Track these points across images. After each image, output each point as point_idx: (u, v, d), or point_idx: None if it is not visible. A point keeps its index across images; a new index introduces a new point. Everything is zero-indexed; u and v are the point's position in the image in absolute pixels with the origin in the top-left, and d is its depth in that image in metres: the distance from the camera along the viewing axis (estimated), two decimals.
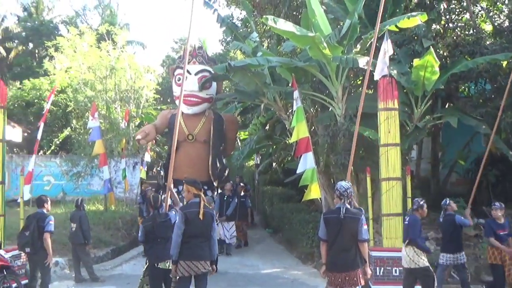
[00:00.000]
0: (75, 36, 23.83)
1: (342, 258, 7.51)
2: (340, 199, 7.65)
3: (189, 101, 17.22)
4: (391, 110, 11.29)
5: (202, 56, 17.72)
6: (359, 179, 15.10)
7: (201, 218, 8.15)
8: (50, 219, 10.61)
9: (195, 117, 17.48)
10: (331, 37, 13.26)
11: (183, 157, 16.67)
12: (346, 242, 7.51)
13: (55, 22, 43.32)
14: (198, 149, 17.24)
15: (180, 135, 16.11)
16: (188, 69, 17.07)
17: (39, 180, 25.58)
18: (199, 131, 17.31)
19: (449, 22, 16.88)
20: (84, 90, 22.94)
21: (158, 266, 8.86)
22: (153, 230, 9.01)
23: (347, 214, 7.49)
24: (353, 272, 7.47)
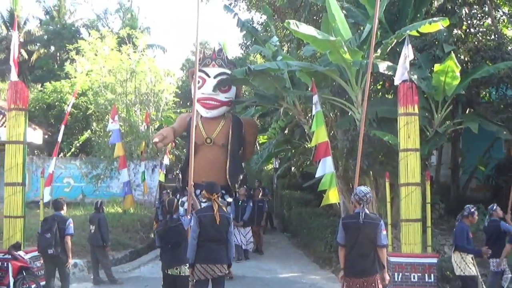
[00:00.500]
0: (96, 40, 24.02)
1: (360, 263, 7.45)
2: (359, 204, 7.60)
3: (208, 104, 17.12)
4: (411, 115, 11.22)
5: (221, 59, 17.48)
6: (378, 184, 15.04)
7: (217, 222, 8.18)
8: (70, 222, 10.74)
9: (214, 120, 17.24)
10: (351, 41, 13.25)
11: (201, 160, 16.38)
12: (365, 247, 7.45)
13: (77, 26, 43.69)
14: (216, 153, 16.94)
15: (198, 139, 16.35)
16: (207, 72, 17.04)
17: (59, 182, 25.77)
18: (218, 134, 17.04)
19: (471, 27, 16.76)
20: (105, 93, 23.11)
21: (168, 272, 8.77)
22: (165, 235, 8.90)
23: (366, 219, 7.44)
24: (371, 277, 7.41)
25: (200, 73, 16.83)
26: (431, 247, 11.42)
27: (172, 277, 8.72)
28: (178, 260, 8.67)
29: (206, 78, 17.10)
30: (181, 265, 8.66)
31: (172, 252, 8.77)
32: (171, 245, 8.78)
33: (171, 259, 8.77)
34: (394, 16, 15.21)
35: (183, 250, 8.75)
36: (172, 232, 8.81)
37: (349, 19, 14.93)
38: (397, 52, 13.20)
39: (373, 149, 13.77)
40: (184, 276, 8.66)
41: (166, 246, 8.84)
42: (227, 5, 19.40)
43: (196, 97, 16.45)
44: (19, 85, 11.71)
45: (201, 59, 17.48)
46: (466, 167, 18.24)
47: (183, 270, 8.65)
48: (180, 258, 8.68)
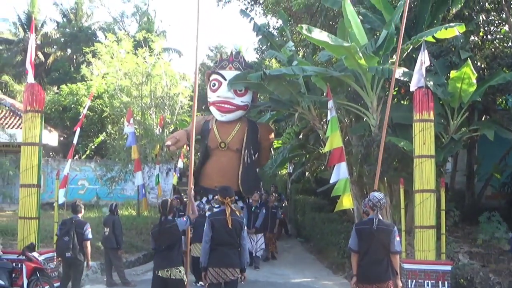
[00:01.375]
0: (113, 43, 24.10)
1: (374, 269, 7.44)
2: (373, 210, 7.58)
3: (223, 107, 16.93)
4: (427, 121, 11.18)
5: (239, 62, 17.25)
6: (392, 190, 15.00)
7: (229, 226, 8.15)
8: (88, 227, 10.80)
9: (229, 124, 17.11)
10: (367, 47, 13.22)
11: (214, 165, 16.49)
12: (379, 253, 7.45)
13: (93, 29, 43.94)
14: (230, 157, 16.84)
15: (212, 143, 16.53)
16: (223, 75, 16.90)
17: (73, 184, 25.96)
18: (232, 139, 16.90)
19: (488, 34, 16.68)
20: (120, 96, 23.17)
21: (158, 274, 8.59)
22: (159, 236, 8.75)
23: (380, 225, 7.45)
24: (384, 284, 7.41)
25: (217, 76, 16.87)
26: (445, 254, 11.37)
27: (163, 279, 8.56)
28: (170, 262, 8.55)
29: (222, 81, 16.89)
30: (172, 267, 8.51)
31: (165, 254, 8.64)
32: (164, 247, 8.65)
33: (163, 261, 8.62)
34: (410, 22, 15.15)
35: (176, 252, 8.71)
36: (166, 233, 8.68)
37: (365, 25, 14.91)
38: (413, 58, 13.17)
39: (388, 155, 13.71)
40: (175, 279, 8.53)
41: (160, 247, 8.72)
42: (244, 9, 19.43)
43: (212, 100, 16.49)
44: (35, 87, 11.81)
45: (218, 62, 17.50)
46: (482, 175, 18.12)
47: (174, 273, 8.50)
48: (172, 261, 8.57)
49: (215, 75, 17.11)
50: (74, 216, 10.93)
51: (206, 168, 16.68)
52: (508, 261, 13.07)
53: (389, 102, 11.27)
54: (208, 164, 16.71)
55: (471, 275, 11.91)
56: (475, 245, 13.97)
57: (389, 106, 11.20)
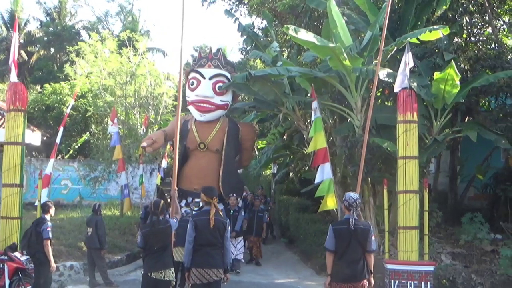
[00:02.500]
0: (97, 42, 24.01)
1: (351, 269, 7.56)
2: (349, 210, 7.74)
3: (202, 107, 16.13)
4: (410, 122, 11.22)
5: (218, 59, 16.36)
6: (376, 191, 15.06)
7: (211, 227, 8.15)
8: (47, 226, 10.56)
9: (208, 124, 16.24)
10: (351, 48, 13.25)
11: (193, 166, 15.80)
12: (356, 253, 7.59)
13: (77, 28, 43.82)
14: (210, 158, 16.03)
15: (191, 143, 15.95)
16: (202, 73, 16.15)
17: (56, 184, 25.84)
18: (212, 139, 16.06)
19: (471, 36, 16.78)
20: (104, 96, 23.09)
21: (152, 276, 8.52)
22: (151, 236, 8.66)
23: (357, 225, 7.59)
24: (359, 283, 7.56)
25: (195, 74, 16.17)
26: (428, 255, 11.41)
27: (155, 281, 8.51)
28: (163, 263, 8.54)
29: (201, 79, 16.13)
30: (165, 269, 8.52)
31: (158, 255, 8.59)
32: (157, 248, 8.60)
33: (157, 262, 8.57)
34: (395, 23, 15.24)
35: (168, 253, 8.71)
36: (160, 234, 8.66)
37: (349, 26, 14.96)
38: (397, 59, 13.23)
39: (371, 156, 13.77)
40: (168, 280, 8.55)
41: (152, 248, 8.63)
42: (228, 10, 19.42)
43: (190, 99, 16.16)
44: (18, 86, 11.72)
45: (197, 59, 16.71)
46: (464, 176, 18.24)
47: (168, 275, 8.52)
48: (165, 262, 8.57)
49: (193, 73, 16.35)
50: (42, 215, 10.85)
51: (185, 170, 15.86)
52: (490, 262, 13.17)
53: (372, 103, 11.32)
54: (187, 165, 15.98)
55: (453, 276, 12.01)
56: (457, 245, 14.06)
57: (371, 107, 11.24)
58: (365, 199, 14.53)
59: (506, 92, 14.64)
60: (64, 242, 15.12)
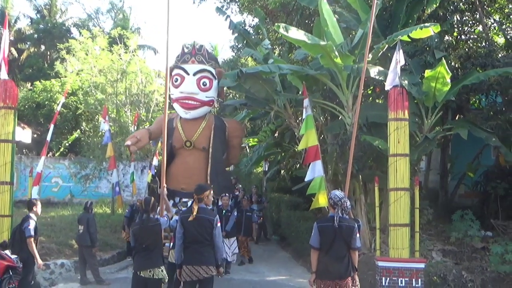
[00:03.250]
0: (87, 39, 23.96)
1: (336, 266, 7.67)
2: (334, 208, 7.81)
3: (187, 104, 15.52)
4: (401, 120, 11.23)
5: (202, 55, 15.72)
6: (367, 189, 15.10)
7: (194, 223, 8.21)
8: (29, 224, 10.46)
9: (194, 122, 15.60)
10: (343, 46, 13.26)
11: (180, 165, 15.27)
12: (341, 250, 7.69)
13: (68, 25, 43.59)
14: (196, 157, 15.45)
15: (177, 142, 15.45)
16: (186, 69, 15.55)
17: (47, 182, 25.78)
18: (198, 137, 15.43)
19: (462, 34, 16.86)
20: (95, 93, 23.05)
21: (141, 274, 8.55)
22: (141, 234, 8.67)
23: (342, 223, 7.67)
24: (344, 280, 7.66)
25: (179, 71, 15.59)
26: (418, 252, 11.44)
27: (144, 279, 8.54)
28: (152, 262, 8.56)
29: (184, 75, 15.49)
30: (155, 267, 8.54)
31: (146, 253, 8.60)
32: (146, 245, 8.61)
33: (145, 261, 8.60)
34: (386, 21, 15.28)
35: (158, 251, 8.72)
36: (149, 232, 8.66)
37: (341, 24, 14.97)
38: (388, 57, 13.24)
39: (363, 153, 13.81)
40: (157, 279, 8.56)
41: (141, 246, 8.65)
42: (220, 7, 19.38)
43: (175, 96, 15.60)
44: (8, 84, 11.68)
45: (180, 55, 16.01)
46: (455, 173, 18.31)
47: (157, 273, 8.53)
48: (154, 260, 8.59)
49: (177, 70, 15.69)
50: (28, 213, 10.81)
51: (171, 169, 15.10)
52: (481, 259, 13.22)
53: (359, 100, 11.29)
54: (174, 164, 15.42)
55: (444, 273, 12.04)
56: (448, 243, 14.11)
57: (359, 105, 11.23)
58: (357, 197, 14.58)
59: (497, 90, 14.71)
60: (55, 240, 15.08)
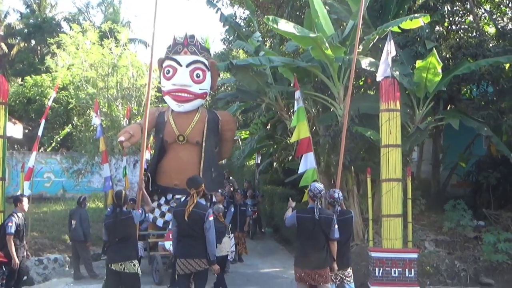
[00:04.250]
0: (78, 34, 23.83)
1: (315, 256, 7.90)
2: (313, 200, 8.07)
3: (180, 96, 14.72)
4: (393, 111, 11.25)
5: (194, 45, 14.99)
6: (360, 180, 15.13)
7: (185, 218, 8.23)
8: (10, 220, 10.40)
9: (187, 115, 14.80)
10: (333, 37, 13.27)
11: (172, 161, 14.53)
12: (320, 241, 7.93)
13: (58, 19, 43.44)
14: (189, 151, 14.65)
15: (169, 136, 14.71)
16: (178, 60, 14.79)
17: (39, 177, 25.67)
18: (191, 131, 14.61)
19: (453, 24, 16.88)
20: (86, 88, 22.94)
21: (112, 267, 8.53)
22: (113, 228, 8.63)
23: (321, 214, 7.92)
24: (323, 270, 7.92)
25: (171, 62, 14.89)
26: (411, 242, 11.49)
27: (116, 272, 8.52)
28: (123, 255, 8.53)
29: (177, 67, 14.73)
30: (126, 261, 8.50)
31: (118, 247, 8.58)
32: (118, 239, 8.59)
33: (116, 254, 8.58)
34: (377, 12, 15.27)
35: (130, 245, 8.70)
36: (122, 225, 8.62)
37: (332, 15, 14.95)
38: (380, 48, 13.23)
39: (355, 145, 13.83)
40: (129, 273, 8.53)
41: (114, 239, 8.63)
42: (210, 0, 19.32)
43: (167, 89, 14.97)
44: None
45: (171, 46, 15.27)
46: (447, 163, 18.36)
47: (128, 267, 8.50)
48: (126, 254, 8.56)
49: (168, 61, 14.96)
50: (14, 210, 10.75)
51: (163, 165, 14.65)
52: (473, 248, 13.29)
53: (350, 91, 11.30)
54: (165, 160, 14.73)
55: (437, 263, 12.13)
56: (440, 232, 14.16)
57: (349, 96, 11.24)
58: (349, 188, 14.59)
59: (488, 80, 14.75)
60: (47, 235, 15.09)
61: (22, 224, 10.68)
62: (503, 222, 14.29)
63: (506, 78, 14.11)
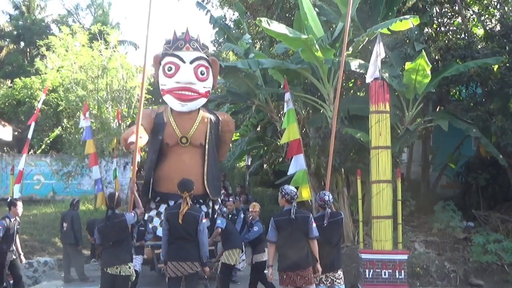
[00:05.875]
0: (67, 35, 23.78)
1: (295, 257, 7.88)
2: (290, 203, 8.08)
3: (184, 95, 13.48)
4: (383, 113, 11.30)
5: (196, 41, 13.93)
6: (350, 181, 15.16)
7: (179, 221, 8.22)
8: (1, 223, 10.40)
9: (188, 116, 13.61)
10: (323, 39, 13.29)
11: (174, 165, 13.26)
12: (299, 241, 7.92)
13: (47, 21, 43.24)
14: (193, 155, 13.50)
15: (171, 138, 13.53)
16: (181, 57, 13.60)
17: (29, 180, 25.56)
18: (194, 132, 13.45)
19: (441, 26, 16.94)
20: (76, 90, 22.87)
21: (107, 271, 8.49)
22: (106, 231, 8.57)
23: (297, 214, 7.93)
24: (305, 271, 7.86)
25: (172, 58, 13.67)
26: (401, 243, 11.53)
27: (111, 276, 8.48)
28: (119, 258, 8.50)
29: (180, 64, 13.52)
30: (121, 264, 8.48)
31: (113, 250, 8.55)
32: (112, 243, 8.55)
33: (111, 257, 8.54)
34: (366, 14, 15.31)
35: (125, 248, 8.66)
36: (115, 228, 8.58)
37: (321, 17, 15.00)
38: (369, 50, 13.28)
39: (344, 146, 13.85)
40: (124, 276, 8.52)
41: (108, 243, 8.60)
42: (200, 2, 19.30)
43: (168, 87, 13.72)
44: None
45: (172, 42, 14.02)
46: (437, 165, 18.41)
47: (124, 270, 8.49)
48: (121, 257, 8.53)
49: (170, 58, 13.72)
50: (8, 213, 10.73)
51: (163, 170, 13.36)
52: (463, 249, 13.34)
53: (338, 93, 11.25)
54: (166, 164, 13.44)
55: (427, 264, 12.17)
56: (430, 234, 14.20)
57: (338, 98, 11.19)
58: (339, 190, 14.64)
59: (476, 81, 14.83)
60: (38, 237, 15.03)
61: (14, 228, 10.65)
62: (493, 223, 14.35)
63: (494, 80, 14.17)
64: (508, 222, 14.36)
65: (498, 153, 13.48)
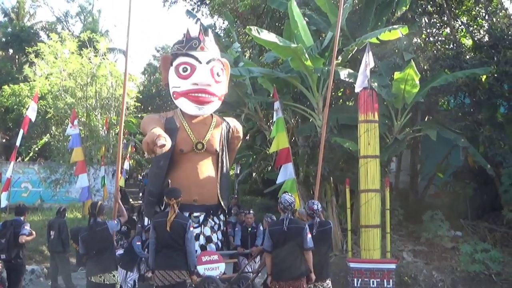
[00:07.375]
0: (56, 43, 23.73)
1: (288, 267, 7.83)
2: (284, 212, 8.04)
3: (201, 98, 11.88)
4: (371, 122, 11.33)
5: (210, 41, 12.36)
6: (338, 190, 15.18)
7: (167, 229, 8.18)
8: (26, 225, 10.48)
9: (202, 120, 12.15)
10: (312, 48, 13.34)
11: (189, 173, 11.61)
12: (292, 251, 7.84)
13: (36, 28, 43.11)
14: (208, 162, 11.99)
15: (185, 145, 11.83)
16: (197, 57, 11.89)
17: (16, 187, 25.39)
18: (210, 138, 11.93)
19: (430, 36, 17.03)
20: (65, 97, 22.83)
21: (92, 280, 8.45)
22: (89, 240, 8.52)
23: (291, 224, 7.87)
24: (298, 281, 7.80)
25: (187, 59, 12.04)
26: (390, 253, 11.54)
27: (96, 285, 8.45)
28: (102, 267, 8.46)
29: (196, 64, 11.92)
30: (105, 272, 8.44)
31: (97, 258, 8.50)
32: (96, 251, 8.50)
33: (95, 266, 8.49)
34: (355, 24, 15.38)
35: (108, 256, 8.61)
36: (98, 236, 8.52)
37: (311, 26, 15.05)
38: (358, 60, 13.34)
39: (333, 155, 13.88)
40: (109, 284, 8.47)
41: (91, 251, 8.53)
42: (190, 10, 19.33)
43: (183, 89, 11.92)
44: None
45: (185, 41, 12.28)
46: (425, 174, 18.45)
47: (108, 278, 8.44)
48: (104, 265, 8.48)
49: (184, 58, 12.02)
50: (16, 217, 10.68)
51: (177, 178, 11.30)
52: (451, 259, 13.37)
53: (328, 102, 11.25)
54: (179, 172, 11.52)
55: (415, 273, 12.19)
56: (418, 243, 14.24)
57: (327, 106, 11.20)
58: (328, 199, 14.65)
59: (465, 91, 14.89)
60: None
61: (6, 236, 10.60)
62: (480, 232, 14.42)
63: (482, 90, 14.26)
64: (496, 232, 14.44)
65: (486, 163, 13.55)
